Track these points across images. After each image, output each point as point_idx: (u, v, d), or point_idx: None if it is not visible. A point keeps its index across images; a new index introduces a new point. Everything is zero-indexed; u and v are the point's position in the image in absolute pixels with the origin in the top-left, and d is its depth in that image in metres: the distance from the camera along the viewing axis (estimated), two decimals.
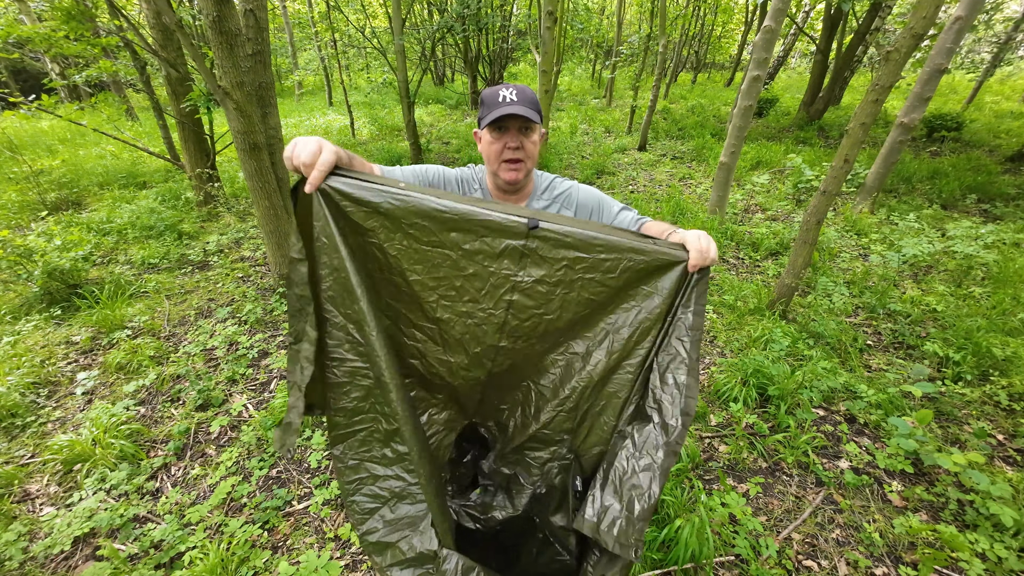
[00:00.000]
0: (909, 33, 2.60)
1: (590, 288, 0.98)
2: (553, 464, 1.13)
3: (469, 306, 1.00)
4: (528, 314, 1.00)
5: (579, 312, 1.00)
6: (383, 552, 1.00)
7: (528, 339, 1.03)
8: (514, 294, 0.99)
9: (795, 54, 23.91)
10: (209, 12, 2.75)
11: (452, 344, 1.04)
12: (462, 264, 0.96)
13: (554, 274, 0.97)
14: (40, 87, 5.44)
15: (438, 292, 0.99)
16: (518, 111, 1.10)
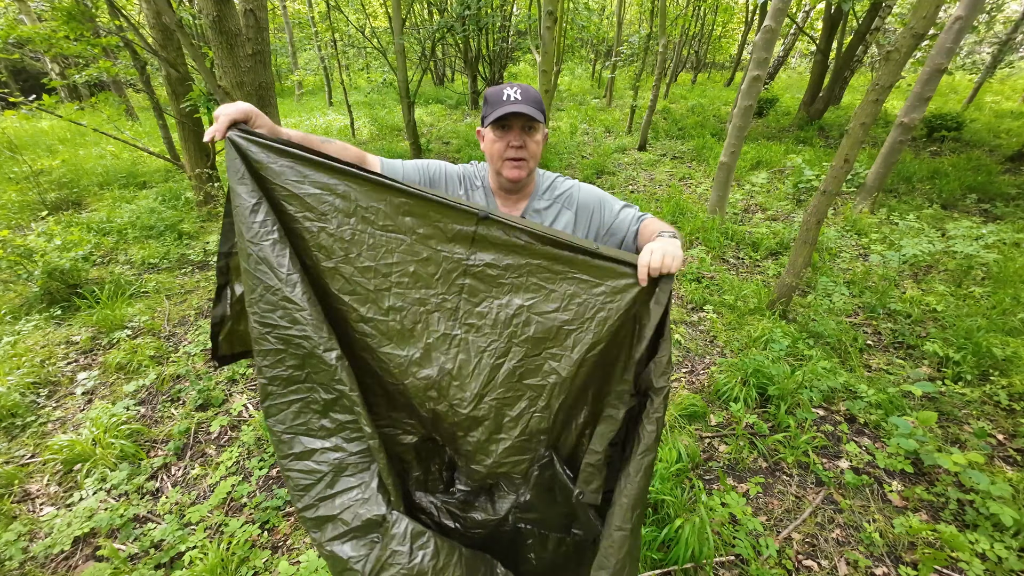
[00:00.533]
0: (909, 33, 2.60)
1: (538, 273, 0.99)
2: (534, 468, 1.10)
3: (423, 292, 1.00)
4: (480, 297, 1.00)
5: (532, 299, 1.00)
6: (322, 526, 0.98)
7: (481, 328, 1.02)
8: (466, 278, 1.00)
9: (795, 54, 23.91)
10: (209, 12, 2.75)
11: (403, 335, 1.01)
12: (416, 248, 0.97)
13: (503, 258, 0.98)
14: (40, 87, 5.43)
15: (391, 279, 0.99)
16: (522, 110, 1.11)
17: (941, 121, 8.33)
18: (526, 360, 1.03)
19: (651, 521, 2.00)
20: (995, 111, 11.45)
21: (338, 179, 0.93)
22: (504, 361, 1.03)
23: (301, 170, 0.94)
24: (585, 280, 0.99)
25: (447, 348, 1.02)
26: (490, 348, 1.03)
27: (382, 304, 1.00)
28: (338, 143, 1.12)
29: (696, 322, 3.56)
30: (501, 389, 1.04)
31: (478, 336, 1.02)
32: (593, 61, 19.77)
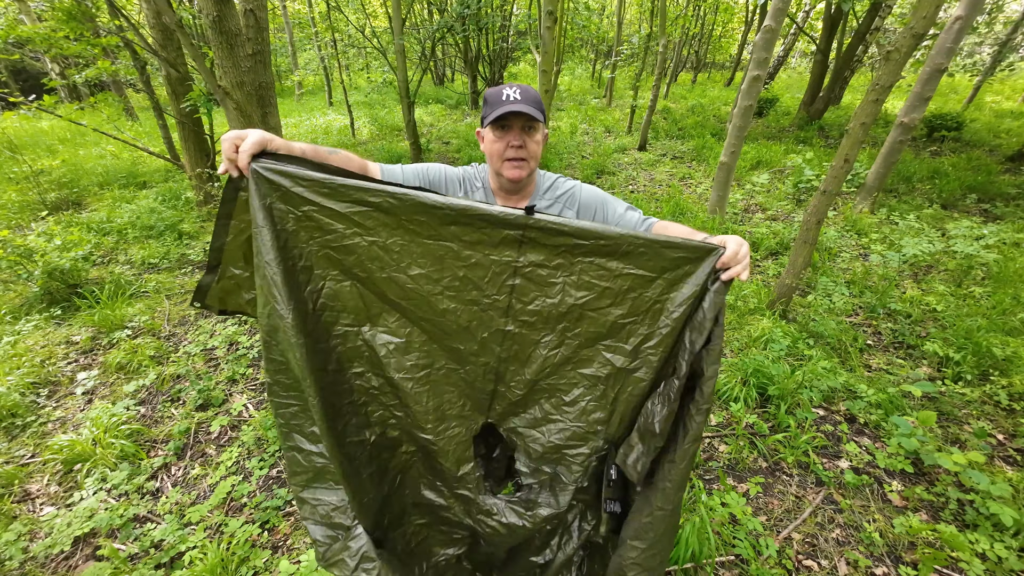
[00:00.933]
0: (909, 33, 2.60)
1: (591, 271, 1.00)
2: (592, 459, 1.13)
3: (474, 294, 1.03)
4: (531, 296, 1.03)
5: (584, 296, 1.02)
6: (302, 506, 1.09)
7: (534, 324, 1.05)
8: (516, 278, 1.02)
9: (795, 54, 23.92)
10: (209, 12, 2.75)
11: (460, 332, 1.06)
12: (464, 254, 1.00)
13: (553, 258, 1.00)
14: (40, 87, 5.44)
15: (442, 284, 1.02)
16: (521, 109, 1.11)
17: (941, 121, 8.32)
18: (580, 351, 1.06)
19: None
20: (995, 111, 11.45)
21: (381, 197, 0.96)
22: (557, 352, 1.07)
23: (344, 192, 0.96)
24: (640, 275, 0.99)
25: (502, 340, 1.07)
26: (543, 341, 1.06)
27: (437, 307, 1.04)
28: (343, 153, 1.13)
29: None
30: (555, 376, 1.09)
31: (531, 331, 1.06)
32: (593, 61, 19.77)
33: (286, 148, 0.99)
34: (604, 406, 1.09)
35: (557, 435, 1.12)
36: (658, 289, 1.00)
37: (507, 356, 1.08)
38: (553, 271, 1.01)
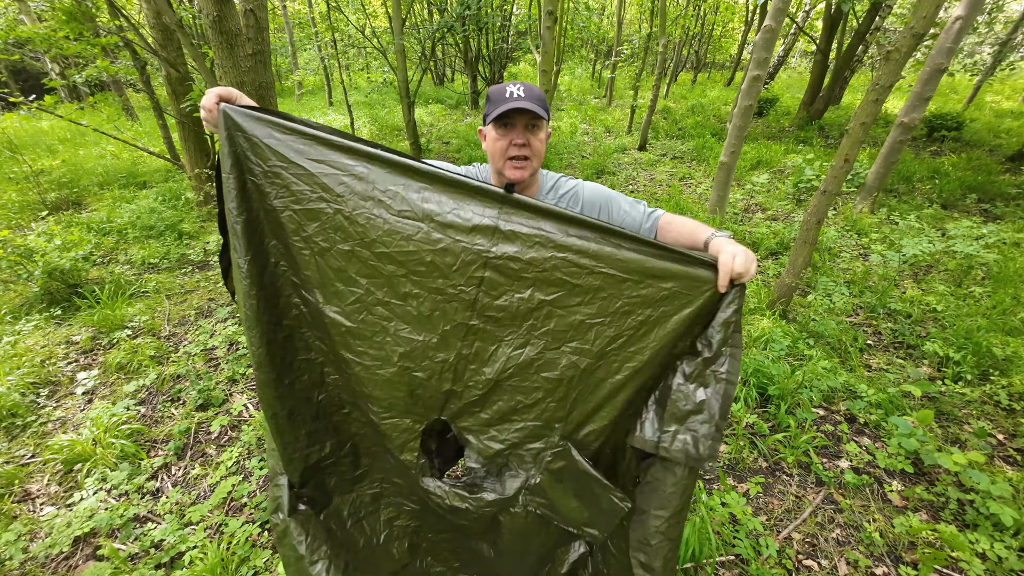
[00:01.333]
0: (909, 33, 2.60)
1: (563, 268, 0.96)
2: (546, 452, 1.09)
3: (440, 282, 0.97)
4: (500, 291, 0.97)
5: (555, 293, 0.98)
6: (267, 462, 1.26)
7: (500, 320, 1.00)
8: (486, 270, 0.96)
9: (795, 54, 23.91)
10: (209, 12, 2.75)
11: (420, 321, 1.00)
12: (434, 236, 0.94)
13: (526, 251, 0.95)
14: (40, 87, 5.44)
15: (407, 267, 0.97)
16: (525, 106, 1.08)
17: (941, 121, 8.32)
18: (545, 352, 1.02)
19: None
20: (995, 111, 11.45)
21: (357, 160, 0.92)
22: (522, 352, 1.02)
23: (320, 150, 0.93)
24: (611, 274, 0.96)
25: (464, 335, 1.01)
26: (507, 339, 1.01)
27: (399, 290, 0.99)
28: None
29: None
30: (517, 378, 1.03)
31: (496, 327, 1.01)
32: (593, 61, 19.77)
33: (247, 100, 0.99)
34: (563, 406, 1.05)
35: (514, 434, 1.08)
36: (630, 291, 0.97)
37: (468, 353, 1.03)
38: (526, 265, 0.96)
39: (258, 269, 0.97)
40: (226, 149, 0.92)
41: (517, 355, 1.02)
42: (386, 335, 1.02)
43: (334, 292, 1.01)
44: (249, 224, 0.95)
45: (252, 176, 0.94)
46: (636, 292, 0.97)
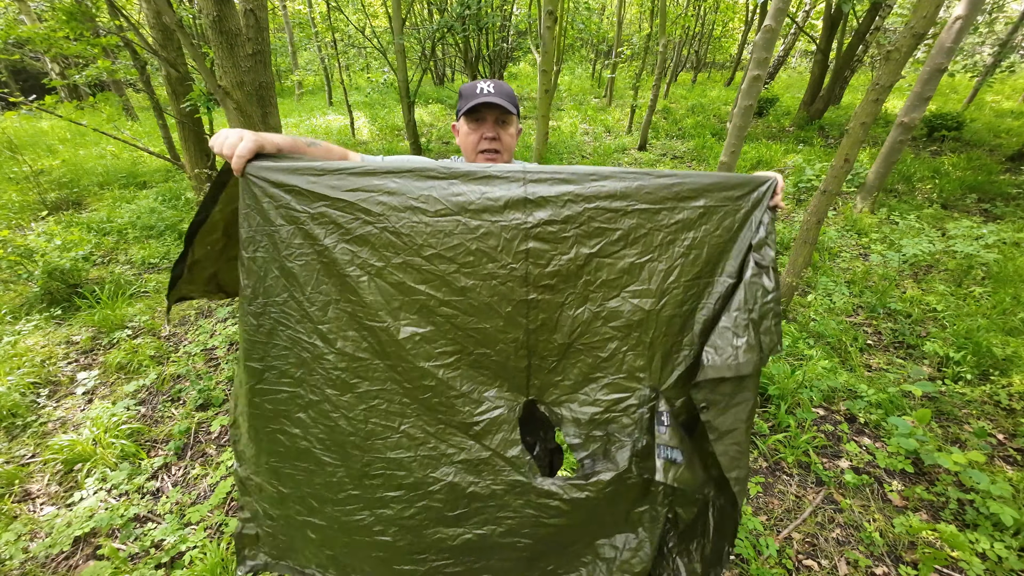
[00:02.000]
0: (909, 32, 2.60)
1: (599, 217, 1.00)
2: (643, 409, 1.09)
3: (490, 267, 1.00)
4: (547, 257, 1.01)
5: (597, 242, 1.01)
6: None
7: (555, 286, 1.03)
8: (528, 241, 1.00)
9: (795, 53, 23.90)
10: (209, 12, 2.75)
11: (483, 310, 1.03)
12: (473, 224, 0.98)
13: (560, 211, 0.99)
14: (40, 87, 5.44)
15: (457, 261, 1.00)
16: (494, 100, 1.13)
17: (941, 121, 8.32)
18: (606, 303, 1.04)
19: None
20: (995, 111, 11.44)
21: (384, 178, 0.98)
22: (584, 309, 1.04)
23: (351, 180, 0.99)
24: (644, 208, 1.01)
25: (527, 312, 1.04)
26: (568, 302, 1.04)
27: (456, 285, 1.01)
28: (323, 144, 1.13)
29: None
30: (588, 335, 1.05)
31: (553, 294, 1.03)
32: (593, 61, 19.77)
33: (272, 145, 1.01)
34: (642, 353, 1.06)
35: (602, 392, 1.09)
36: (666, 220, 1.02)
37: (535, 327, 1.05)
38: (563, 225, 0.99)
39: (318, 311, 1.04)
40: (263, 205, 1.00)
41: (581, 313, 1.04)
42: (457, 331, 1.04)
43: (398, 308, 1.03)
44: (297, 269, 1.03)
45: (299, 224, 1.00)
46: (673, 219, 1.02)
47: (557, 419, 1.13)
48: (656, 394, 1.09)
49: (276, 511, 1.19)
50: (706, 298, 1.07)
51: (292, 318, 1.03)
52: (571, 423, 1.11)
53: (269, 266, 1.03)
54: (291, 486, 1.13)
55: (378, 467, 1.08)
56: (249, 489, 1.20)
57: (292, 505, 1.15)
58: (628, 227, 1.01)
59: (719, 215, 1.04)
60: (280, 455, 1.12)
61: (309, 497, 1.13)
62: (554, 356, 1.07)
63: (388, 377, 1.06)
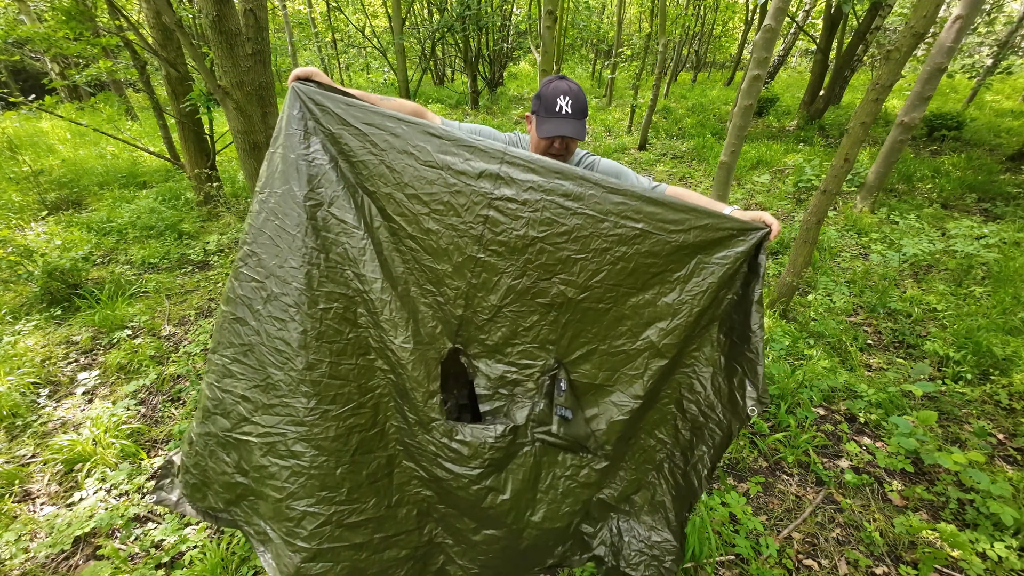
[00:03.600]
0: (909, 32, 2.60)
1: (551, 209, 1.16)
2: (545, 376, 1.29)
3: (454, 219, 1.18)
4: (500, 228, 1.18)
5: (545, 231, 1.18)
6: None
7: (501, 253, 1.20)
8: (489, 209, 1.17)
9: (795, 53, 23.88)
10: (209, 12, 2.75)
11: (439, 252, 1.21)
12: (450, 181, 1.17)
13: (521, 193, 1.16)
14: (40, 87, 5.45)
15: (430, 206, 1.19)
16: (570, 133, 1.31)
17: (941, 120, 8.32)
18: (538, 282, 1.22)
19: None
20: (995, 110, 11.44)
21: (395, 123, 1.18)
22: (519, 282, 1.22)
23: (370, 115, 1.19)
24: (590, 215, 1.17)
25: (473, 267, 1.22)
26: (508, 271, 1.21)
27: (423, 225, 1.20)
28: (396, 100, 1.32)
29: None
30: (516, 304, 1.24)
31: (498, 260, 1.21)
32: (593, 60, 19.76)
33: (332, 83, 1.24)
34: (556, 330, 1.26)
35: (516, 356, 1.28)
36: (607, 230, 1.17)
37: (476, 283, 1.22)
38: (521, 205, 1.16)
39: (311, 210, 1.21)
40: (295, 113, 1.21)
41: (516, 284, 1.22)
42: (414, 264, 1.24)
43: (377, 227, 1.23)
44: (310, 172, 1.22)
45: (322, 134, 1.21)
46: (613, 232, 1.17)
47: (473, 371, 1.31)
48: (559, 365, 1.28)
49: (200, 427, 1.29)
50: (621, 303, 1.24)
51: (283, 209, 1.18)
52: (484, 376, 1.30)
53: (283, 161, 1.19)
54: (230, 387, 1.23)
55: (319, 370, 1.18)
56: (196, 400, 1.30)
57: (220, 419, 1.25)
58: (574, 225, 1.17)
59: (652, 240, 1.18)
60: (233, 347, 1.23)
61: (240, 403, 1.22)
62: (484, 314, 1.25)
63: (352, 284, 1.23)
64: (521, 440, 1.30)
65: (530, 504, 1.34)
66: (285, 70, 17.79)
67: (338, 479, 1.20)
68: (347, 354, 1.22)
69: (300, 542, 1.19)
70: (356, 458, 1.23)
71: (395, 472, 1.31)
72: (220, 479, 1.29)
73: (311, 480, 1.18)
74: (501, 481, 1.30)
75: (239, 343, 1.21)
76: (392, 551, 1.29)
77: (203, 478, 1.32)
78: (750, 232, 1.19)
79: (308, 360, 1.17)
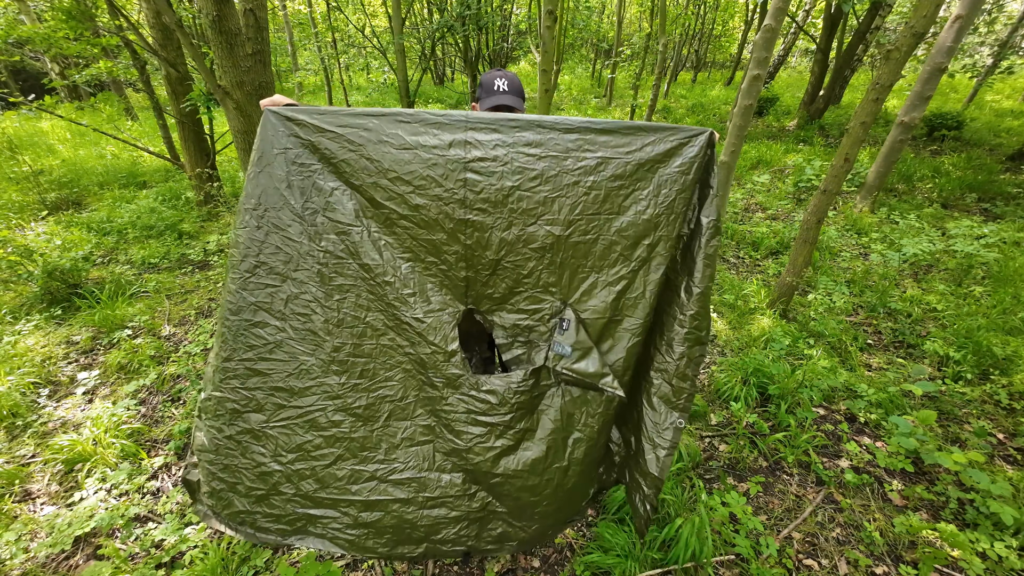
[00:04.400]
0: (909, 32, 2.60)
1: (520, 159, 1.27)
2: (555, 319, 1.39)
3: (437, 190, 1.28)
4: (479, 187, 1.28)
5: (518, 179, 1.28)
6: None
7: (486, 209, 1.30)
8: (466, 172, 1.27)
9: (795, 53, 23.87)
10: (209, 12, 2.75)
11: (432, 224, 1.31)
12: (425, 156, 1.26)
13: (489, 152, 1.27)
14: (40, 87, 5.45)
15: (413, 184, 1.28)
16: (507, 102, 1.49)
17: (941, 120, 8.32)
18: (525, 228, 1.32)
19: (651, 520, 2.00)
20: (995, 110, 11.43)
21: (366, 119, 1.27)
22: (509, 232, 1.32)
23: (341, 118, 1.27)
24: (554, 156, 1.27)
25: (464, 229, 1.31)
26: (496, 225, 1.31)
27: (411, 202, 1.29)
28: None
29: None
30: (512, 255, 1.34)
31: (485, 217, 1.30)
32: (593, 60, 19.75)
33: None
34: (554, 271, 1.36)
35: (524, 303, 1.39)
36: (571, 165, 1.27)
37: (471, 243, 1.32)
38: (491, 162, 1.27)
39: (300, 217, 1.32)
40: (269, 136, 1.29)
41: (506, 235, 1.32)
42: (412, 240, 1.33)
43: (371, 216, 1.32)
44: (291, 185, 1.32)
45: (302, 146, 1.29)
46: (576, 166, 1.28)
47: (489, 325, 1.43)
48: (564, 305, 1.38)
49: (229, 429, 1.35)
50: (606, 231, 1.33)
51: (284, 222, 1.29)
52: (500, 328, 1.42)
53: (272, 180, 1.28)
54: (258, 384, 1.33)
55: (344, 352, 1.34)
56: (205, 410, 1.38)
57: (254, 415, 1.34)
58: (542, 168, 1.28)
59: (613, 164, 1.28)
60: (256, 349, 1.33)
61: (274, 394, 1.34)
62: (486, 271, 1.35)
63: (359, 275, 1.34)
64: (545, 382, 1.40)
65: (568, 442, 1.43)
66: (285, 70, 17.80)
67: (375, 440, 1.37)
68: (367, 336, 1.35)
69: (353, 496, 1.36)
70: (390, 423, 1.38)
71: (436, 442, 1.42)
72: (252, 472, 1.37)
73: (353, 443, 1.36)
74: (535, 422, 1.41)
75: (262, 344, 1.33)
76: (440, 510, 1.42)
77: (231, 480, 1.39)
78: (695, 136, 1.29)
79: (334, 344, 1.33)
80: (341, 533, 1.38)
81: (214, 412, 1.35)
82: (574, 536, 2.04)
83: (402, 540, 1.41)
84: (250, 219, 1.29)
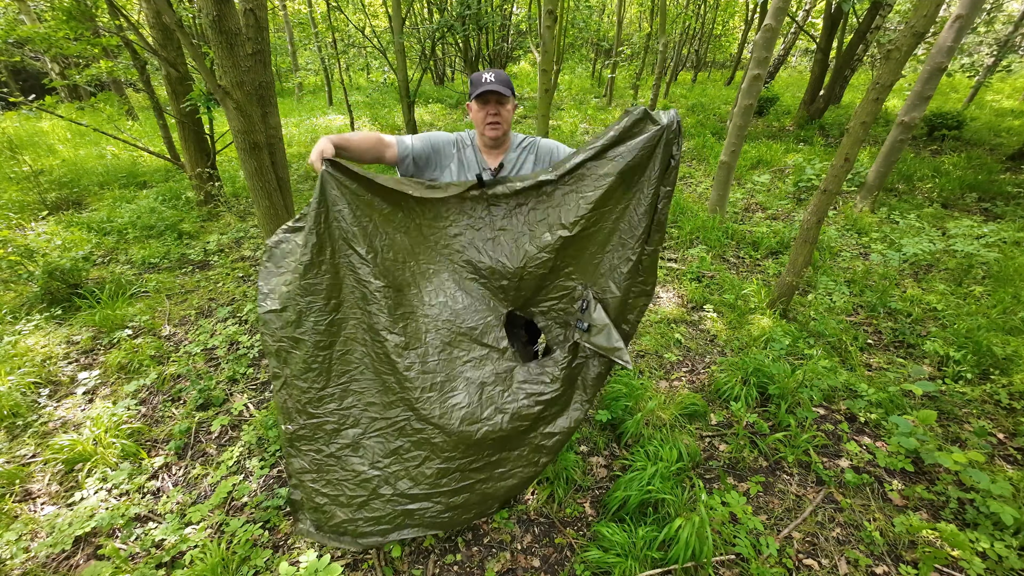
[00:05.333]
0: (910, 31, 2.60)
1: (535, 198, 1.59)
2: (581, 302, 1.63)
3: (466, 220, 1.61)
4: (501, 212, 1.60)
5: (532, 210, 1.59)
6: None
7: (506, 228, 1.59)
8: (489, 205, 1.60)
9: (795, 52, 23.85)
10: (209, 11, 2.75)
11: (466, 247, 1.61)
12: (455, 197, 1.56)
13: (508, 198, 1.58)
14: (40, 87, 5.45)
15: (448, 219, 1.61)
16: (495, 88, 1.57)
17: (941, 120, 8.32)
18: (541, 236, 1.55)
19: (651, 520, 2.00)
20: (995, 110, 11.43)
21: (405, 186, 1.51)
22: (526, 238, 1.58)
23: (387, 183, 1.48)
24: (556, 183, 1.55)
25: (492, 246, 1.61)
26: (517, 241, 1.59)
27: (448, 233, 1.61)
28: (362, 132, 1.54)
29: (696, 321, 3.56)
30: (534, 264, 1.58)
31: (505, 235, 1.60)
32: (593, 60, 19.75)
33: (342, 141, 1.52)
34: (569, 262, 1.61)
35: (553, 292, 1.66)
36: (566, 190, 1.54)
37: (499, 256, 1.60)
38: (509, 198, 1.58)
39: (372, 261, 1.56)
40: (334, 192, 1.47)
41: (524, 241, 1.58)
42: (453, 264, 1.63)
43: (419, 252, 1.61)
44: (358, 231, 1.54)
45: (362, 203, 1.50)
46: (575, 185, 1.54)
47: (530, 315, 1.73)
48: (585, 287, 1.62)
49: (329, 447, 1.62)
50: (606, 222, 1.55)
51: (354, 265, 1.50)
52: (539, 314, 1.72)
53: (338, 232, 1.47)
54: (353, 403, 1.60)
55: (415, 371, 1.54)
56: (298, 439, 1.63)
57: (351, 430, 1.61)
58: (548, 192, 1.56)
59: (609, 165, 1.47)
60: (348, 373, 1.58)
61: (368, 409, 1.60)
62: (516, 278, 1.61)
63: (416, 300, 1.58)
64: (582, 354, 1.67)
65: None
66: (285, 70, 17.80)
67: (453, 443, 1.58)
68: (429, 354, 1.57)
69: (443, 487, 1.61)
70: (463, 427, 1.57)
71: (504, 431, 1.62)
72: (353, 482, 1.62)
73: (435, 446, 1.59)
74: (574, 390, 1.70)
75: (350, 370, 1.59)
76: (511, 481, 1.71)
77: (334, 493, 1.64)
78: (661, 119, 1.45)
79: (404, 364, 1.54)
80: (436, 519, 1.63)
81: (311, 437, 1.61)
82: (574, 536, 2.04)
83: (486, 510, 1.72)
84: (326, 268, 1.50)
